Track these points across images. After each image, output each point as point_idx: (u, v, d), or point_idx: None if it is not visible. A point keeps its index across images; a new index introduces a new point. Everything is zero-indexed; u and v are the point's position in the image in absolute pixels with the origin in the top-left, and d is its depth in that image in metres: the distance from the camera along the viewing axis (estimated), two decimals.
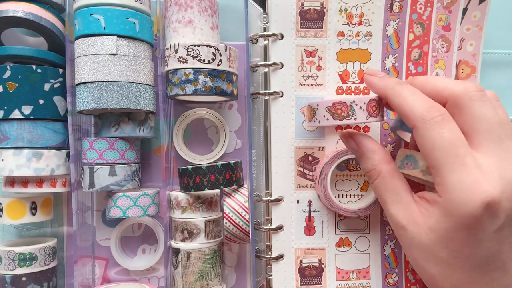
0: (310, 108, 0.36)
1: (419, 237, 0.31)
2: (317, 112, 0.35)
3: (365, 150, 0.35)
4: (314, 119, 0.36)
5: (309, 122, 0.37)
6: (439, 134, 0.29)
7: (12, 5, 0.36)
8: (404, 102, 0.31)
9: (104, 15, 0.35)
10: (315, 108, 0.35)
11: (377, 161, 0.34)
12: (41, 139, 0.37)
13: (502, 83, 0.45)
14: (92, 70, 0.35)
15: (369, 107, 0.34)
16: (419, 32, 0.40)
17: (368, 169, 0.34)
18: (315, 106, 0.35)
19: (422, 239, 0.31)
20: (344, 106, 0.34)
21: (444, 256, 0.30)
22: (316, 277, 0.41)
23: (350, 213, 0.39)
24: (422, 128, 0.30)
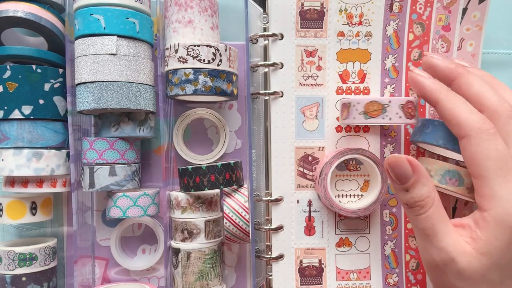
0: (346, 106, 0.37)
1: (471, 266, 0.30)
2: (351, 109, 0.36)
3: (422, 175, 0.31)
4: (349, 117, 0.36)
5: (344, 120, 0.38)
6: (495, 146, 0.29)
7: (12, 5, 0.36)
8: (458, 110, 0.31)
9: (104, 15, 0.35)
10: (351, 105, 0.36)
11: (432, 187, 0.31)
12: (41, 139, 0.37)
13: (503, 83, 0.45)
14: (92, 70, 0.35)
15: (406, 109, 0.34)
16: (419, 32, 0.40)
17: (423, 197, 0.31)
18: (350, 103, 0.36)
19: (474, 267, 0.30)
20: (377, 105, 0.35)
21: (496, 278, 0.30)
22: (316, 277, 0.41)
23: (350, 213, 0.38)
24: (477, 138, 0.30)
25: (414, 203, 0.32)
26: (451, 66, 0.34)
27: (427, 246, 0.32)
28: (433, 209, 0.31)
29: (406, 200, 0.32)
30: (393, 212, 0.41)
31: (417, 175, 0.31)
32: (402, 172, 0.31)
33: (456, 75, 0.34)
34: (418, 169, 0.31)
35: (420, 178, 0.31)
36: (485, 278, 0.30)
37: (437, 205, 0.31)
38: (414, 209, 0.32)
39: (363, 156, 0.38)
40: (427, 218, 0.31)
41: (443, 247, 0.30)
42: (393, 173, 0.32)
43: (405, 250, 0.41)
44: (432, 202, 0.31)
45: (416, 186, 0.31)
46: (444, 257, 0.31)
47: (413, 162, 0.31)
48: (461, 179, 0.34)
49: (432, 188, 0.32)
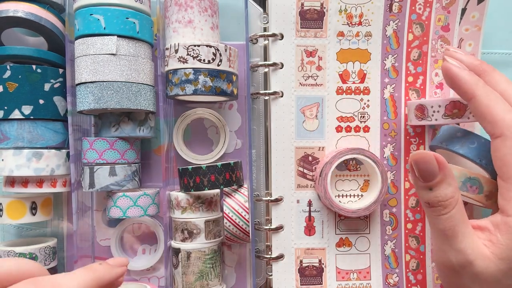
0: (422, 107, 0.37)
1: (488, 270, 0.29)
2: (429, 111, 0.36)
3: (448, 175, 0.30)
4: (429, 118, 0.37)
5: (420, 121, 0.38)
6: None
7: (12, 5, 0.36)
8: (495, 107, 0.30)
9: (104, 15, 0.35)
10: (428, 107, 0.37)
11: (456, 188, 0.30)
12: (41, 139, 0.37)
13: None
14: (92, 70, 0.35)
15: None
16: (418, 32, 0.40)
17: (447, 197, 0.30)
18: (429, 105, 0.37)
19: (491, 271, 0.29)
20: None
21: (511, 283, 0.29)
22: (316, 277, 0.41)
23: (350, 213, 0.38)
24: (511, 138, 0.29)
25: (437, 202, 0.30)
26: (476, 62, 0.33)
27: (445, 248, 0.31)
28: (456, 210, 0.30)
29: (428, 199, 0.31)
30: (393, 212, 0.41)
31: (443, 173, 0.30)
32: (428, 170, 0.30)
33: (481, 72, 0.33)
34: (445, 167, 0.30)
35: (446, 177, 0.30)
36: (501, 282, 0.29)
37: (460, 206, 0.30)
38: (436, 208, 0.30)
39: (363, 156, 0.38)
40: (449, 219, 0.30)
41: (462, 249, 0.30)
42: (418, 169, 0.30)
43: (405, 250, 0.41)
44: (456, 203, 0.30)
45: (441, 185, 0.30)
46: (461, 259, 0.30)
47: (440, 160, 0.30)
48: (481, 187, 0.33)
49: (457, 189, 0.30)
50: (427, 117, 0.37)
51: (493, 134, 0.30)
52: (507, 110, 0.30)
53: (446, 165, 0.30)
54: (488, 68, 0.33)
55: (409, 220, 0.41)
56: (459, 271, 0.30)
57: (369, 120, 0.40)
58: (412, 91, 0.41)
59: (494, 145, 0.30)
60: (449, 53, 0.34)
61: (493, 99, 0.30)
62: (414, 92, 0.41)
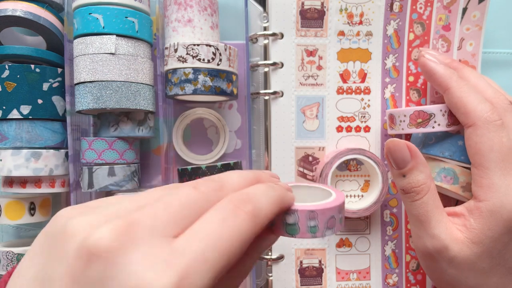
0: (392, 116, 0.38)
1: (462, 254, 0.30)
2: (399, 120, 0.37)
3: (420, 162, 0.32)
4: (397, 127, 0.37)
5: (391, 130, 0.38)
6: (499, 138, 0.30)
7: (10, 4, 0.36)
8: (468, 99, 0.31)
9: (103, 14, 0.35)
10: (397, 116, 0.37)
11: (428, 175, 0.32)
12: (39, 139, 0.37)
13: (503, 83, 0.45)
14: (91, 70, 0.35)
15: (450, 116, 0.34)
16: (419, 32, 0.40)
17: (419, 183, 0.32)
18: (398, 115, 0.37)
19: (465, 255, 0.30)
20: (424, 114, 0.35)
21: (486, 266, 0.31)
22: (316, 278, 0.41)
23: (350, 213, 0.38)
24: (483, 128, 0.30)
25: (410, 188, 0.32)
26: (447, 60, 0.35)
27: (421, 233, 0.32)
28: (428, 196, 0.32)
29: (402, 186, 0.33)
30: (394, 212, 0.41)
31: (415, 161, 0.32)
32: (400, 157, 0.32)
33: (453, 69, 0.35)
34: (417, 155, 0.32)
35: (418, 165, 0.32)
36: (476, 265, 0.31)
37: (433, 193, 0.32)
38: (409, 195, 0.32)
39: (363, 156, 0.38)
40: (421, 205, 0.32)
41: (436, 234, 0.31)
42: (392, 157, 0.33)
43: (405, 251, 0.41)
44: (428, 189, 0.32)
45: (413, 172, 0.32)
46: (436, 244, 0.31)
47: (412, 148, 0.32)
48: (456, 178, 0.34)
49: (429, 176, 0.32)
50: (395, 126, 0.37)
51: (466, 124, 0.32)
52: (479, 101, 0.31)
53: (418, 153, 0.32)
54: (458, 65, 0.35)
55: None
56: (435, 256, 0.32)
57: (370, 120, 0.40)
58: (413, 91, 0.40)
59: (467, 134, 0.32)
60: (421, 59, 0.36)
61: (466, 91, 0.32)
62: (415, 92, 0.40)
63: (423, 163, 0.32)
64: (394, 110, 0.38)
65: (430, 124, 0.35)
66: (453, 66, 0.35)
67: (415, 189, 0.32)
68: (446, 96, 0.33)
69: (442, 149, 0.35)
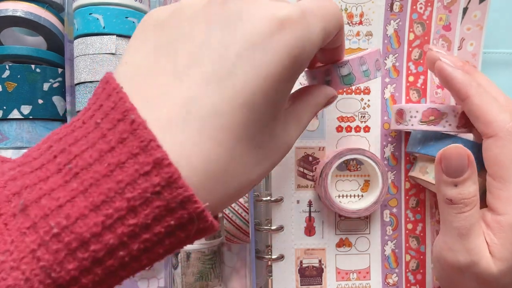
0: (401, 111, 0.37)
1: (489, 271, 0.29)
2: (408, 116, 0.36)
3: (475, 172, 0.30)
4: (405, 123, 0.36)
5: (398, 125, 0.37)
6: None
7: (11, 5, 0.36)
8: (488, 108, 0.30)
9: (104, 15, 0.35)
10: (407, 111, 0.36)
11: (478, 187, 0.30)
12: (40, 139, 0.37)
13: (504, 82, 0.45)
14: (92, 70, 0.35)
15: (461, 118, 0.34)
16: (419, 32, 0.40)
17: (471, 195, 0.30)
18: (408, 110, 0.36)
19: (491, 272, 0.29)
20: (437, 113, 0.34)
21: (508, 281, 0.30)
22: (316, 278, 0.41)
23: (350, 213, 0.38)
24: (504, 139, 0.29)
25: (460, 199, 0.30)
26: (459, 64, 0.34)
27: (457, 247, 0.31)
28: (476, 209, 0.30)
29: (451, 196, 0.30)
30: (394, 212, 0.41)
31: (471, 171, 0.30)
32: (457, 165, 0.30)
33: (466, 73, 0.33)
34: (473, 165, 0.30)
35: (473, 175, 0.30)
36: (499, 282, 0.30)
37: (478, 206, 0.30)
38: (457, 206, 0.30)
39: (363, 156, 0.38)
40: (468, 218, 0.30)
41: (472, 249, 0.30)
42: (447, 164, 0.30)
43: (405, 251, 0.41)
44: (477, 202, 0.30)
45: (467, 182, 0.30)
46: (469, 259, 0.30)
47: (471, 158, 0.30)
48: None
49: (478, 188, 0.30)
50: (404, 121, 0.37)
51: (486, 134, 0.31)
52: (500, 111, 0.30)
53: (474, 163, 0.30)
54: (470, 69, 0.34)
55: (410, 220, 0.41)
56: (463, 271, 0.31)
57: (370, 120, 0.40)
58: (413, 91, 0.40)
59: (486, 144, 0.31)
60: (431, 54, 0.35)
61: (487, 99, 0.31)
62: (415, 92, 0.40)
63: (476, 173, 0.30)
64: (405, 105, 0.38)
65: (441, 124, 0.34)
66: (466, 70, 0.34)
67: (465, 200, 0.30)
68: (466, 104, 0.32)
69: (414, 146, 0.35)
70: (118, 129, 0.19)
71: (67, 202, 0.18)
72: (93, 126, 0.20)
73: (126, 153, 0.18)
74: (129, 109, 0.19)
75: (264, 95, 0.21)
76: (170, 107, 0.20)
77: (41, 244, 0.18)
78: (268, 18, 0.21)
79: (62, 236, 0.18)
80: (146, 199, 0.18)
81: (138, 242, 0.19)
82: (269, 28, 0.21)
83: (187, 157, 0.19)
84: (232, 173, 0.21)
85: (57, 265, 0.17)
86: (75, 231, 0.18)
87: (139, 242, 0.19)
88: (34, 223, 0.18)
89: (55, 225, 0.18)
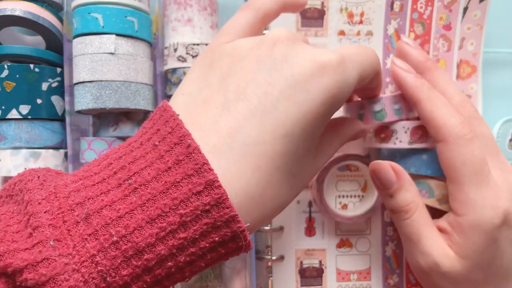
0: None
1: (454, 269, 0.30)
2: None
3: (406, 181, 0.32)
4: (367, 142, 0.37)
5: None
6: (471, 152, 0.29)
7: (10, 4, 0.36)
8: (438, 113, 0.31)
9: (103, 14, 0.35)
10: None
11: (416, 193, 0.32)
12: (39, 139, 0.37)
13: (504, 82, 0.45)
14: (91, 70, 0.35)
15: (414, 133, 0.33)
16: (419, 31, 0.40)
17: (407, 202, 0.32)
18: None
19: (457, 270, 0.30)
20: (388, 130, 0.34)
21: (479, 277, 0.31)
22: (317, 278, 0.40)
23: (345, 219, 0.39)
24: (454, 143, 0.30)
25: (399, 208, 0.32)
26: (421, 59, 0.34)
27: (413, 251, 0.33)
28: (418, 214, 0.32)
29: (391, 206, 0.33)
30: None
31: (401, 181, 0.32)
32: (386, 178, 0.33)
33: (423, 70, 0.34)
34: (402, 175, 0.32)
35: (404, 184, 0.32)
36: (470, 279, 0.31)
37: (421, 210, 0.32)
38: (399, 214, 0.33)
39: (360, 163, 0.38)
40: (412, 223, 0.32)
41: (427, 252, 0.31)
42: (377, 179, 0.33)
43: None
44: (417, 207, 0.32)
45: (400, 192, 0.32)
46: (428, 261, 0.31)
47: (397, 168, 0.33)
48: (431, 191, 0.34)
49: (416, 194, 0.33)
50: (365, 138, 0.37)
51: (436, 139, 0.31)
52: (450, 114, 0.31)
53: (402, 172, 0.32)
54: (431, 66, 0.34)
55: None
56: (428, 272, 0.32)
57: None
58: None
59: (439, 149, 0.31)
60: (400, 43, 0.36)
61: (437, 103, 0.31)
62: None
63: (409, 181, 0.33)
64: None
65: (392, 141, 0.34)
66: (427, 66, 0.34)
67: (403, 208, 0.32)
68: (417, 109, 0.32)
69: (407, 165, 0.35)
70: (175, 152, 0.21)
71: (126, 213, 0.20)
72: (151, 147, 0.22)
73: (182, 174, 0.20)
74: (186, 135, 0.21)
75: (302, 129, 0.23)
76: (218, 134, 0.22)
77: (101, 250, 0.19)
78: (311, 62, 0.23)
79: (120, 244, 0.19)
80: (196, 215, 0.20)
81: (184, 255, 0.20)
82: (311, 71, 0.23)
83: (230, 180, 0.21)
84: (269, 197, 0.23)
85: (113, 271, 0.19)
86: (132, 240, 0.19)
87: (186, 255, 0.20)
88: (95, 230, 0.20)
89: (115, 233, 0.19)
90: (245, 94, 0.23)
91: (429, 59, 0.35)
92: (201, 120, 0.23)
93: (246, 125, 0.22)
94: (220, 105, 0.23)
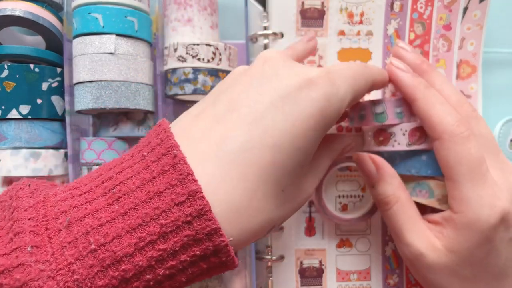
0: None
1: (440, 261, 0.31)
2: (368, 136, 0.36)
3: (385, 174, 0.33)
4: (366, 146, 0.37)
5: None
6: (467, 150, 0.29)
7: (10, 4, 0.36)
8: (433, 111, 0.31)
9: (103, 14, 0.35)
10: None
11: (396, 186, 0.33)
12: (39, 139, 0.37)
13: (504, 82, 0.45)
14: (91, 70, 0.35)
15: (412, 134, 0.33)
16: (419, 31, 0.40)
17: (386, 194, 0.33)
18: None
19: (443, 262, 0.30)
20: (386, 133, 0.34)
21: (468, 273, 0.31)
22: (316, 278, 0.40)
23: (343, 221, 0.39)
24: (449, 141, 0.30)
25: (379, 199, 0.34)
26: (417, 61, 0.35)
27: (397, 242, 0.33)
28: (397, 207, 0.32)
29: (373, 196, 0.35)
30: None
31: (380, 173, 0.33)
32: (367, 170, 0.34)
33: (420, 72, 0.34)
34: (382, 167, 0.33)
35: (384, 177, 0.33)
36: (457, 273, 0.31)
37: (403, 203, 0.33)
38: (380, 205, 0.34)
39: None
40: (393, 215, 0.33)
41: (410, 243, 0.32)
42: (361, 169, 0.35)
43: None
44: (396, 200, 0.33)
45: (380, 183, 0.33)
46: (413, 251, 0.32)
47: (377, 161, 0.34)
48: (431, 191, 0.34)
49: (398, 187, 0.33)
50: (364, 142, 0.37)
51: (432, 137, 0.31)
52: (446, 113, 0.31)
53: (383, 165, 0.33)
54: (427, 68, 0.34)
55: None
56: (414, 263, 0.32)
57: None
58: None
59: (435, 148, 0.31)
60: (395, 49, 0.36)
61: (432, 102, 0.31)
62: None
63: (390, 174, 0.33)
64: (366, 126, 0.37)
65: (390, 143, 0.34)
66: (423, 68, 0.34)
67: (383, 199, 0.33)
68: (413, 107, 0.33)
69: (407, 167, 0.35)
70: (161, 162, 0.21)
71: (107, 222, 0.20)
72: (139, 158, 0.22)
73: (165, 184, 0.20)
74: (173, 146, 0.21)
75: (290, 140, 0.23)
76: (207, 143, 0.22)
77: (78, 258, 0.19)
78: (299, 76, 0.25)
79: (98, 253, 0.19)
80: (177, 226, 0.20)
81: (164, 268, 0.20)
82: (299, 83, 0.25)
83: (214, 188, 0.21)
84: (255, 210, 0.23)
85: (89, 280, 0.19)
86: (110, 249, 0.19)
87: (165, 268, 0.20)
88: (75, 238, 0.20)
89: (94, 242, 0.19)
90: (236, 105, 0.24)
91: (425, 61, 0.35)
92: (192, 132, 0.23)
93: (235, 133, 0.23)
94: (211, 116, 0.24)
